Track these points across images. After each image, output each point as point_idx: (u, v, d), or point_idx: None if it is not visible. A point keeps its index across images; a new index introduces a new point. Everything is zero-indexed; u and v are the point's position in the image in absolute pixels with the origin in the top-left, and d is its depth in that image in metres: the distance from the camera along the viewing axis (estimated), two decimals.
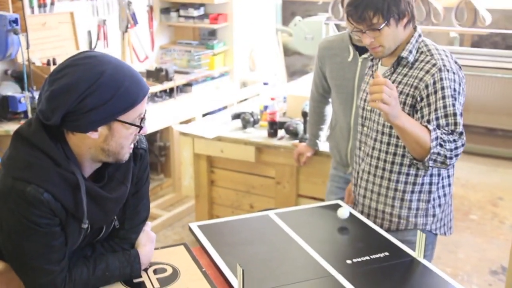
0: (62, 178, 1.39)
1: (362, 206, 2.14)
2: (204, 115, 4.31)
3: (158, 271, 1.66)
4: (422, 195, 2.02)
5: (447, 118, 1.86)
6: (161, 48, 5.02)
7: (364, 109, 2.12)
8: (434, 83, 1.87)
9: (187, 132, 3.54)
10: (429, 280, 1.66)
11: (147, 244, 1.66)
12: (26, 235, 1.39)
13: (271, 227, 1.97)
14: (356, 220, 2.04)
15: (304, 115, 3.19)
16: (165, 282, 1.61)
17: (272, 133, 3.32)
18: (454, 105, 1.86)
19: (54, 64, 3.68)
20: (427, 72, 1.89)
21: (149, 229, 1.70)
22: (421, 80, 1.90)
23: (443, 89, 1.86)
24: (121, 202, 1.55)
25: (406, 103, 1.93)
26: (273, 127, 3.31)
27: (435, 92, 1.86)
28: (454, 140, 1.85)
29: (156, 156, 4.73)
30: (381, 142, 2.03)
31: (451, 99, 1.85)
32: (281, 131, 3.34)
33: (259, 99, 4.10)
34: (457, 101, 1.87)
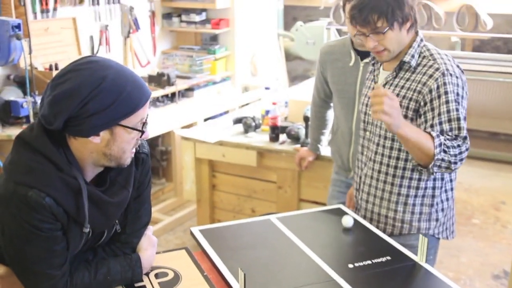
0: (64, 182, 1.39)
1: (365, 211, 2.14)
2: (205, 120, 4.31)
3: (160, 275, 1.66)
4: (425, 199, 2.02)
5: (450, 123, 1.86)
6: (163, 53, 5.02)
7: (366, 113, 2.12)
8: (438, 87, 1.87)
9: (189, 136, 3.54)
10: (431, 285, 1.66)
11: (149, 248, 1.66)
12: (28, 240, 1.39)
13: (272, 232, 1.97)
14: (358, 224, 2.04)
15: (306, 119, 3.20)
16: (166, 286, 1.61)
17: (274, 137, 3.32)
18: (457, 109, 1.86)
19: (57, 69, 3.68)
20: (430, 76, 1.89)
21: (150, 233, 1.70)
22: (424, 84, 1.90)
23: (446, 93, 1.86)
24: (122, 207, 1.56)
25: (409, 108, 1.93)
26: (274, 132, 3.32)
27: (439, 97, 1.86)
28: (458, 145, 1.85)
29: (157, 161, 4.73)
30: (383, 146, 2.03)
31: (454, 104, 1.86)
32: (282, 136, 3.34)
33: (260, 104, 4.11)
34: (460, 105, 1.87)
